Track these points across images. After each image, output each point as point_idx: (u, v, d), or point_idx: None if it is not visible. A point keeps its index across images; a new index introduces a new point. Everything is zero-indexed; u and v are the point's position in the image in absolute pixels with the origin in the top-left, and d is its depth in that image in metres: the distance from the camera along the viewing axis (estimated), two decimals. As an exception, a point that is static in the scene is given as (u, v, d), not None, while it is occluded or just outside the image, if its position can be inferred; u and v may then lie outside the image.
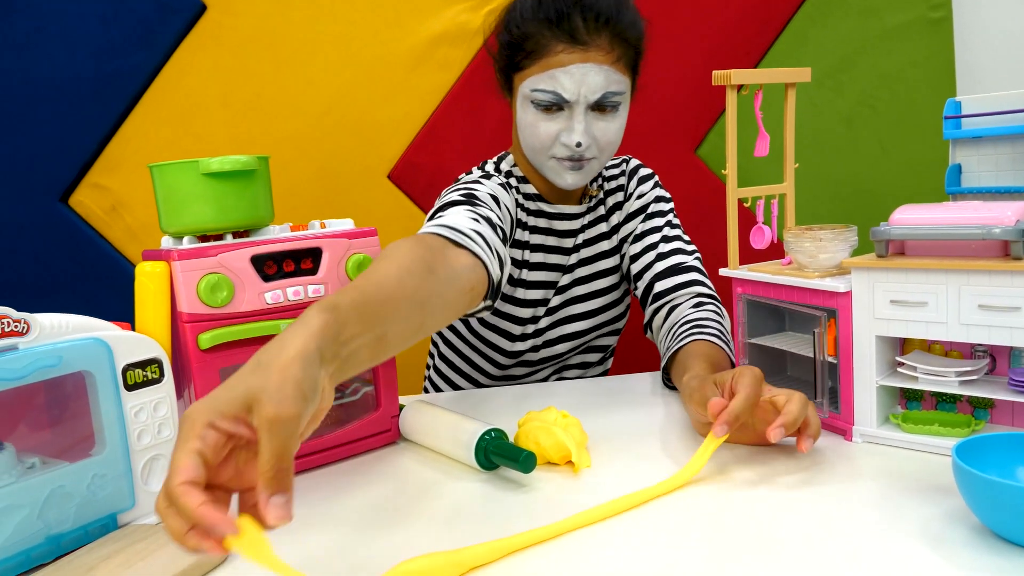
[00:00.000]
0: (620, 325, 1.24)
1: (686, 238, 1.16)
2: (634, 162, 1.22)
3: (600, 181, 1.19)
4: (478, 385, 1.23)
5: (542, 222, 1.14)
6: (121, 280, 1.52)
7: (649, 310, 1.12)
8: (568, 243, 1.16)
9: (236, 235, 0.80)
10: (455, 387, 1.25)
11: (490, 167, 1.15)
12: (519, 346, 1.16)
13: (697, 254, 1.14)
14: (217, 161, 0.76)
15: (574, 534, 0.64)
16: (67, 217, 1.52)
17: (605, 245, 1.18)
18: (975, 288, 0.71)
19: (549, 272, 1.15)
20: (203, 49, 1.52)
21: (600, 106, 1.01)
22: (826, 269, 0.83)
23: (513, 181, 1.13)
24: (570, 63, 0.99)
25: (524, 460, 0.72)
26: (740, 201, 0.92)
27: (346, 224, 0.86)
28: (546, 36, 1.00)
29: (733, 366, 0.95)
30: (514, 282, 1.13)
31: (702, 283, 1.10)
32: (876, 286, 0.76)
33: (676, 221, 1.17)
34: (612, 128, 1.03)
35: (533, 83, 1.01)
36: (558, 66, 0.99)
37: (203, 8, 1.51)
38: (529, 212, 1.13)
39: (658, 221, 1.16)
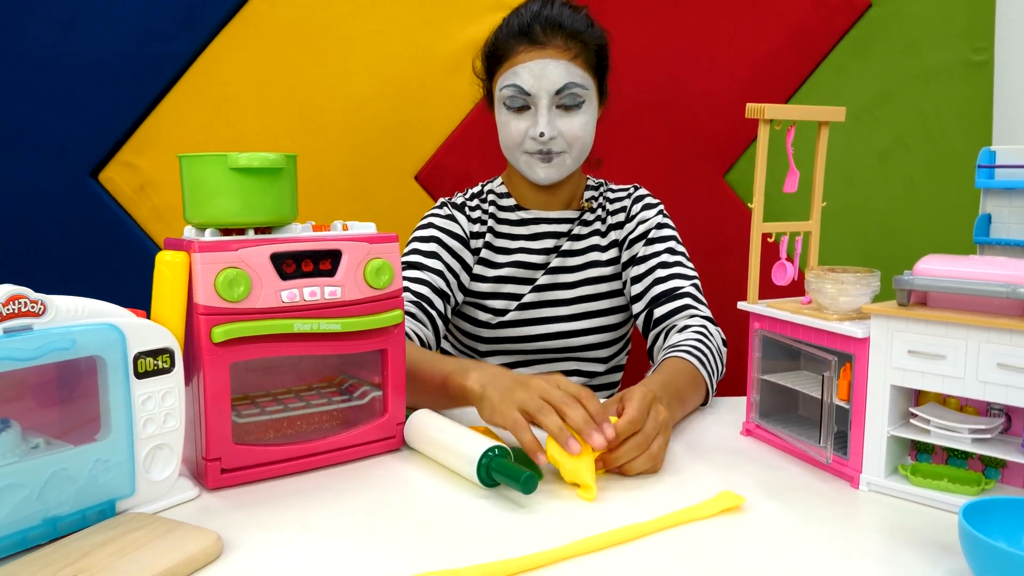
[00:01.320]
0: (617, 335, 1.26)
1: (688, 265, 1.20)
2: (642, 190, 1.28)
3: (600, 199, 1.27)
4: None
5: (518, 229, 1.24)
6: (143, 259, 1.54)
7: (650, 336, 1.17)
8: (548, 244, 1.23)
9: (258, 231, 0.81)
10: None
11: (474, 190, 1.28)
12: (485, 332, 1.23)
13: (696, 280, 1.19)
14: (245, 157, 0.76)
15: (572, 562, 0.64)
16: (96, 193, 1.53)
17: (598, 256, 1.24)
18: (995, 346, 0.70)
19: (523, 270, 1.22)
20: (242, 38, 1.53)
21: (563, 99, 1.12)
22: (846, 313, 0.82)
23: (491, 197, 1.26)
24: (530, 60, 1.12)
25: (526, 481, 0.72)
26: (764, 235, 0.91)
27: (368, 228, 0.86)
28: (511, 43, 1.15)
29: (706, 378, 1.02)
30: (477, 277, 1.23)
31: (696, 308, 1.15)
32: (895, 335, 0.75)
33: (679, 248, 1.22)
34: (576, 123, 1.14)
35: (501, 82, 1.15)
36: (520, 63, 1.13)
37: (246, -3, 1.52)
38: (501, 221, 1.25)
39: (658, 247, 1.20)
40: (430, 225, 1.21)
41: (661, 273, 1.18)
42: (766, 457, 0.88)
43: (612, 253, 1.24)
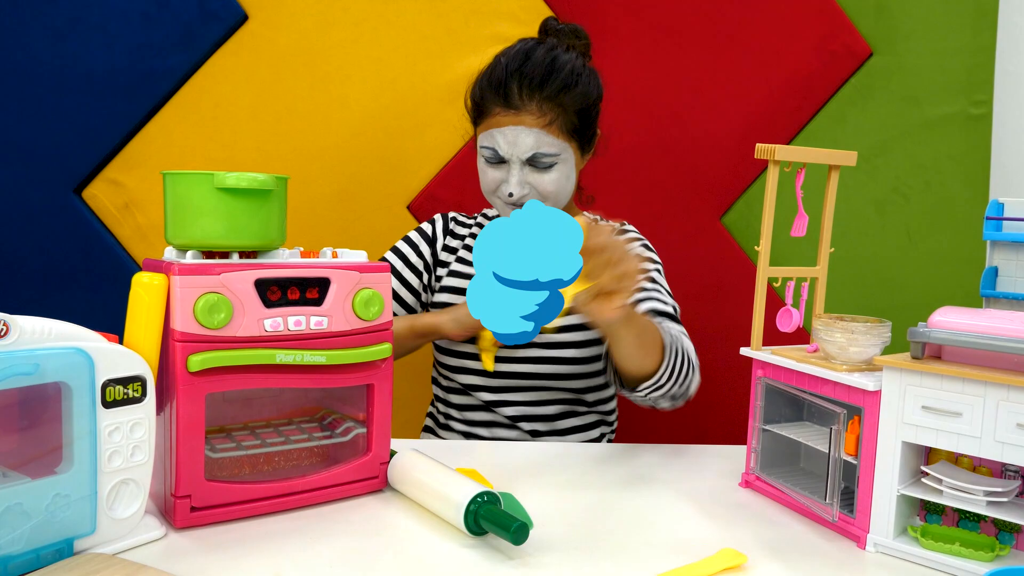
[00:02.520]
0: (603, 381, 1.22)
1: (667, 291, 1.19)
2: (628, 226, 1.29)
3: None
4: (461, 409, 1.23)
5: None
6: (124, 278, 1.47)
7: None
8: None
9: (243, 255, 0.77)
10: (448, 419, 1.26)
11: (475, 214, 1.32)
12: (470, 363, 1.20)
13: (675, 307, 1.17)
14: (233, 176, 0.73)
15: (561, 623, 0.59)
16: (78, 209, 1.49)
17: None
18: (1015, 405, 0.67)
19: None
20: (239, 58, 1.50)
21: (534, 164, 1.12)
22: (855, 363, 0.79)
23: (481, 219, 1.30)
24: (505, 124, 1.12)
25: (516, 531, 0.67)
26: (768, 281, 0.88)
27: (359, 256, 0.82)
28: (489, 100, 1.14)
29: (666, 347, 0.99)
30: (449, 290, 1.24)
31: (670, 324, 1.10)
32: (908, 389, 0.72)
33: (660, 280, 1.20)
34: (548, 179, 1.13)
35: (481, 140, 1.16)
36: (496, 127, 1.13)
37: (245, 18, 1.50)
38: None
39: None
40: (402, 242, 1.29)
41: (638, 295, 1.14)
42: (767, 512, 0.84)
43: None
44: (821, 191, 0.91)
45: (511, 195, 1.12)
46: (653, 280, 1.19)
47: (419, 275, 1.26)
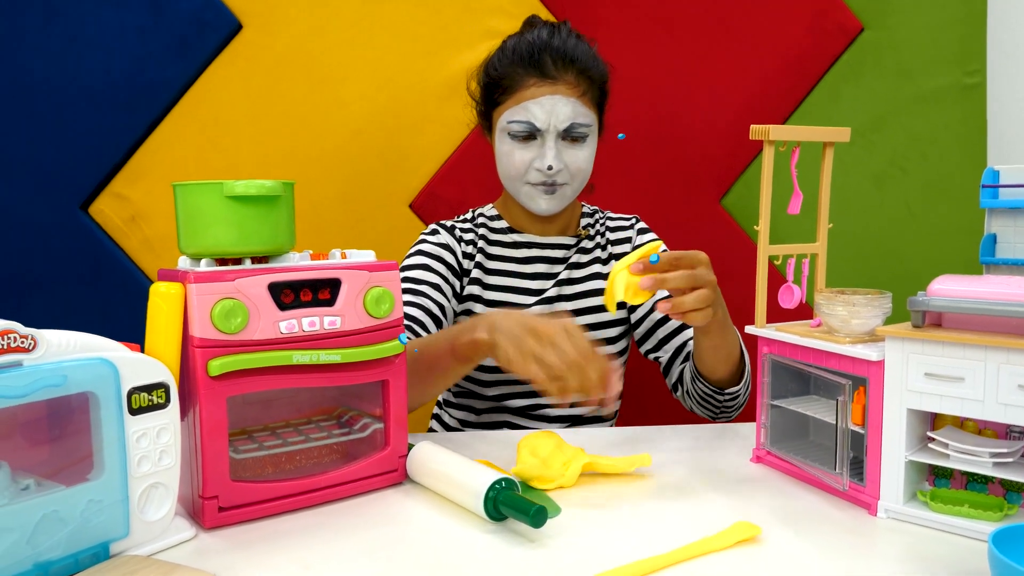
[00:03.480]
0: (620, 361, 1.24)
1: None
2: (643, 223, 1.30)
3: (597, 226, 1.27)
4: (474, 411, 1.23)
5: (511, 251, 1.23)
6: (134, 291, 1.51)
7: (675, 371, 1.18)
8: (540, 268, 1.22)
9: (255, 260, 0.79)
10: (461, 421, 1.25)
11: (464, 216, 1.28)
12: (487, 361, 1.16)
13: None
14: (242, 184, 0.75)
15: (584, 600, 0.61)
16: (86, 225, 1.51)
17: (602, 283, 1.22)
18: (1015, 367, 0.68)
19: (514, 295, 1.20)
20: (236, 67, 1.52)
21: (569, 135, 1.12)
22: (858, 335, 0.80)
23: (481, 220, 1.26)
24: (541, 95, 1.11)
25: (535, 514, 0.69)
26: (769, 259, 0.89)
27: (367, 256, 0.84)
28: (519, 73, 1.12)
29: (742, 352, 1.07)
30: (470, 297, 1.21)
31: None
32: (911, 357, 0.74)
33: None
34: (581, 156, 1.13)
35: (509, 115, 1.13)
36: (530, 98, 1.11)
37: (239, 27, 1.51)
38: (492, 243, 1.23)
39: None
40: (419, 252, 1.20)
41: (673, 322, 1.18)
42: (779, 485, 0.86)
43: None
44: (819, 168, 0.93)
45: (550, 168, 1.11)
46: None
47: (451, 286, 1.19)
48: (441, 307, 1.16)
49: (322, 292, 0.79)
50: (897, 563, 0.68)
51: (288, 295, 0.77)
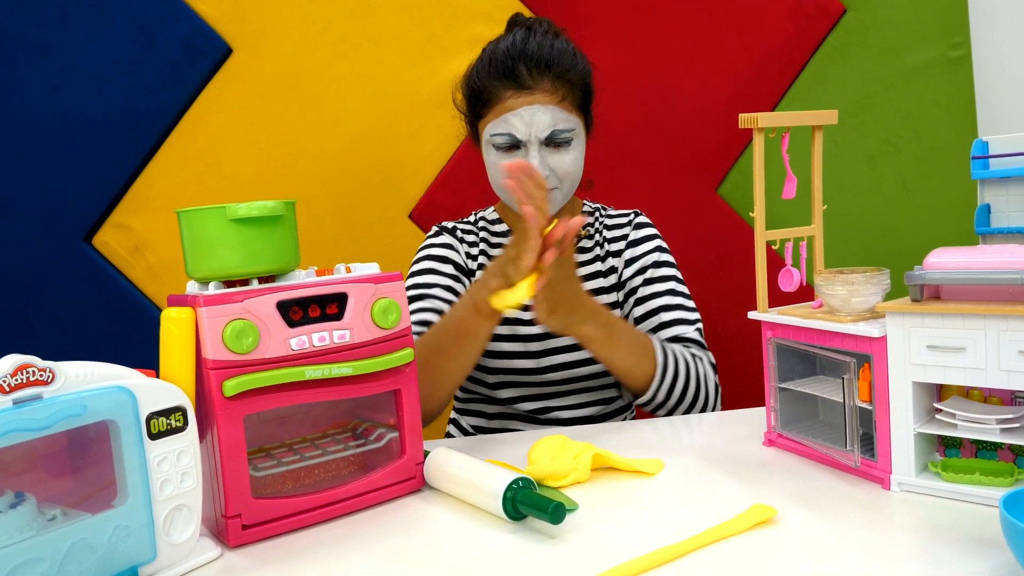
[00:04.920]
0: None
1: (690, 305, 1.21)
2: (643, 217, 1.29)
3: (596, 224, 1.27)
4: (485, 416, 1.25)
5: None
6: (143, 320, 1.52)
7: None
8: None
9: (262, 280, 0.80)
10: (473, 426, 1.26)
11: (466, 219, 1.31)
12: (492, 363, 1.20)
13: (699, 324, 1.19)
14: (244, 207, 0.76)
15: (607, 590, 0.62)
16: (90, 257, 1.53)
17: (601, 283, 1.24)
18: (1015, 334, 0.69)
19: None
20: (228, 90, 1.54)
21: (552, 142, 1.12)
22: (859, 313, 0.81)
23: (483, 223, 1.28)
24: (519, 106, 1.11)
25: (554, 511, 0.70)
26: (768, 244, 0.90)
27: (372, 268, 0.85)
28: (496, 86, 1.13)
29: (658, 358, 1.08)
30: None
31: (700, 354, 1.15)
32: (912, 331, 0.75)
33: (680, 288, 1.22)
34: (567, 159, 1.13)
35: (491, 129, 1.14)
36: (509, 110, 1.11)
37: (229, 51, 1.53)
38: (494, 245, 1.26)
39: (659, 287, 1.21)
40: (426, 257, 1.24)
41: (665, 317, 1.18)
42: (792, 466, 0.87)
43: (613, 279, 1.24)
44: (809, 152, 0.94)
45: None
46: (674, 292, 1.20)
47: (459, 280, 1.23)
48: (451, 305, 1.17)
49: (330, 307, 0.80)
50: (913, 534, 0.69)
51: (297, 312, 0.78)
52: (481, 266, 1.24)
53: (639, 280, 1.21)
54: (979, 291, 0.73)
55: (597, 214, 1.29)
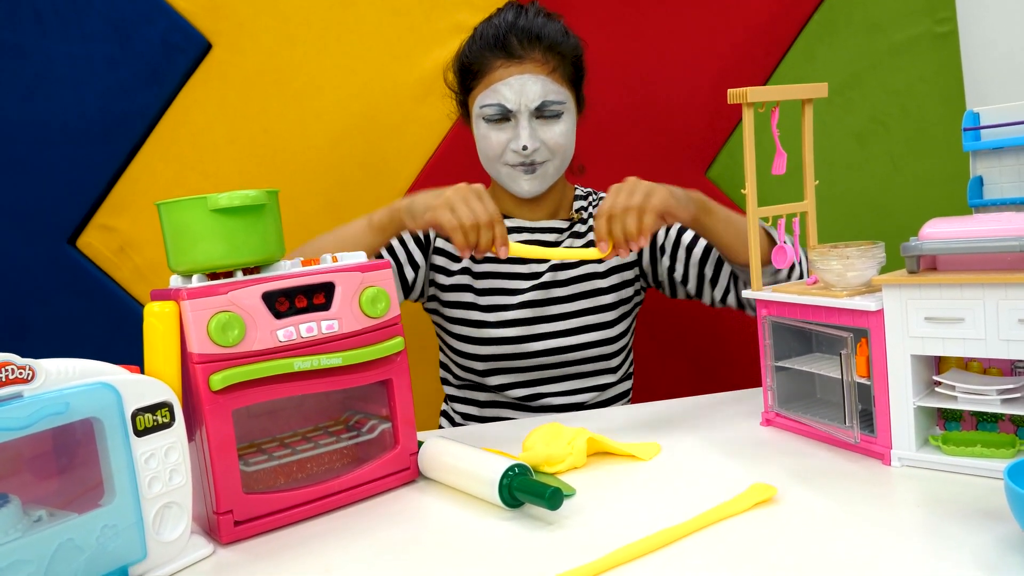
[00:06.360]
0: (621, 345, 1.23)
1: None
2: None
3: (590, 208, 1.27)
4: (477, 404, 1.24)
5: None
6: (130, 321, 1.50)
7: (720, 287, 1.17)
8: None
9: (246, 272, 0.78)
10: (464, 415, 1.26)
11: None
12: (482, 350, 1.19)
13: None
14: (226, 197, 0.74)
15: (612, 573, 0.61)
16: (75, 259, 1.50)
17: (595, 267, 1.22)
18: (1014, 302, 0.68)
19: (506, 280, 1.21)
20: (209, 87, 1.51)
21: (542, 113, 1.12)
22: (854, 288, 0.80)
23: None
24: (509, 76, 1.11)
25: (551, 496, 0.69)
26: (760, 221, 0.89)
27: (359, 257, 0.83)
28: (487, 57, 1.13)
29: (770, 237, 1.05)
30: (458, 286, 1.22)
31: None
32: (909, 303, 0.74)
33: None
34: (558, 131, 1.13)
35: (481, 100, 1.14)
36: (499, 80, 1.12)
37: (209, 46, 1.51)
38: None
39: (671, 227, 1.20)
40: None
41: (686, 239, 1.19)
42: (791, 444, 0.86)
43: (610, 263, 1.22)
44: (799, 128, 0.93)
45: (525, 148, 1.11)
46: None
47: (415, 267, 1.23)
48: (392, 252, 1.21)
49: (317, 297, 0.79)
50: (916, 508, 0.68)
51: (283, 303, 0.77)
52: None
53: (674, 231, 1.20)
54: (976, 260, 0.72)
55: (592, 198, 1.28)
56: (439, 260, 1.24)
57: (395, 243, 1.22)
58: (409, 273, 1.22)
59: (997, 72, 1.69)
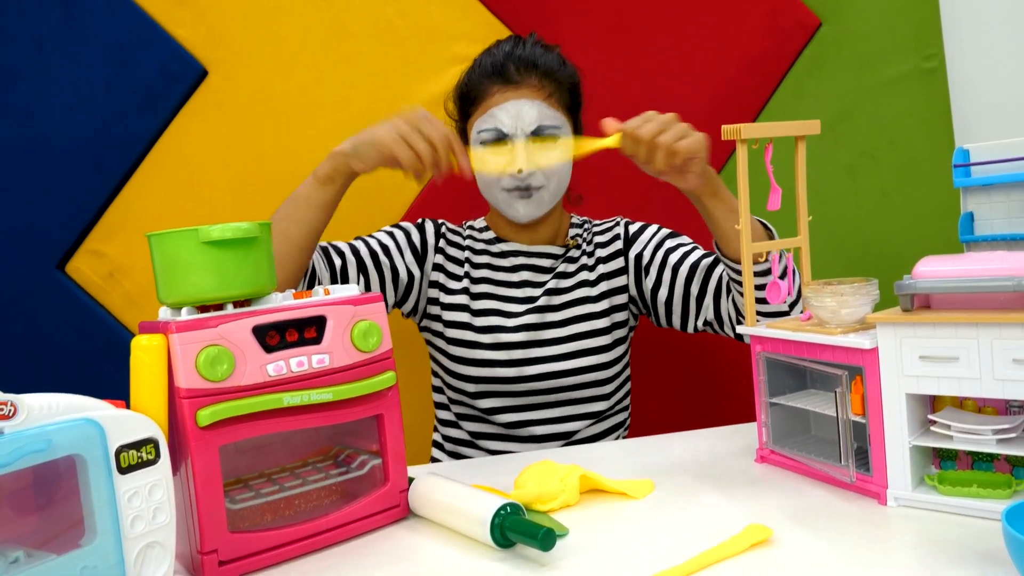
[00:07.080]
0: (614, 372, 1.22)
1: (686, 240, 1.24)
2: (625, 220, 1.31)
3: (586, 235, 1.27)
4: (468, 432, 1.23)
5: (498, 260, 1.25)
6: (118, 348, 1.48)
7: (707, 302, 1.17)
8: (527, 276, 1.23)
9: (237, 304, 0.77)
10: (456, 440, 1.25)
11: (458, 227, 1.31)
12: (474, 372, 1.19)
13: (700, 248, 1.22)
14: (217, 229, 0.74)
15: (601, 619, 0.60)
16: (64, 285, 1.49)
17: (588, 292, 1.22)
18: (1008, 342, 0.68)
19: (501, 302, 1.21)
20: (204, 113, 1.51)
21: (539, 138, 1.13)
22: (848, 325, 0.80)
23: (469, 231, 1.29)
24: (505, 100, 1.14)
25: (544, 537, 0.68)
26: (754, 257, 0.89)
27: (351, 290, 0.83)
28: (485, 84, 1.16)
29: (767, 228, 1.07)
30: (455, 306, 1.22)
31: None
32: (904, 342, 0.73)
33: (670, 237, 1.25)
34: (553, 156, 1.14)
35: (479, 125, 1.15)
36: (496, 105, 1.14)
37: (204, 73, 1.51)
38: (479, 252, 1.26)
39: (659, 248, 1.23)
40: (390, 226, 1.28)
41: (707, 260, 1.19)
42: (786, 483, 0.85)
43: (603, 287, 1.22)
44: (792, 163, 0.93)
45: (520, 171, 1.11)
46: (671, 235, 1.25)
47: (410, 248, 1.24)
48: (374, 255, 1.21)
49: (308, 331, 0.78)
50: (912, 550, 0.67)
51: (273, 337, 0.76)
52: (466, 275, 1.23)
53: (661, 252, 1.22)
54: (970, 299, 0.72)
55: (586, 226, 1.29)
56: (438, 277, 1.24)
57: (392, 250, 1.23)
58: (403, 277, 1.22)
59: (984, 108, 1.72)
